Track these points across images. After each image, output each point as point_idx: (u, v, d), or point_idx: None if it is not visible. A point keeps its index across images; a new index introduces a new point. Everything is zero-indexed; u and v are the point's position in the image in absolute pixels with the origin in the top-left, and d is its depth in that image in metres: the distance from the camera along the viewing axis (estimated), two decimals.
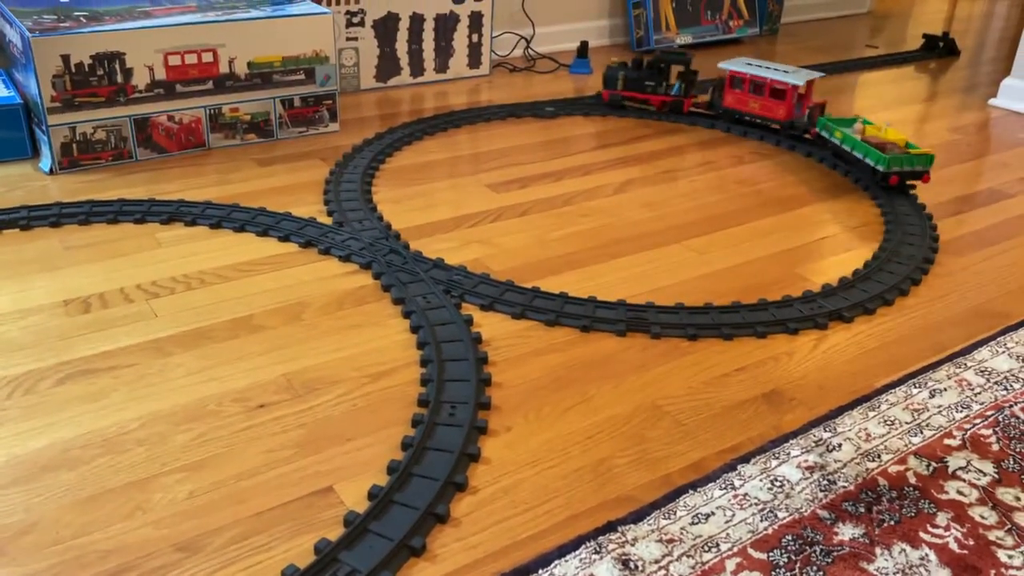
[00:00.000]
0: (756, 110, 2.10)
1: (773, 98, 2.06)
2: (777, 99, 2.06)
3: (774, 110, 2.07)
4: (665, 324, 1.29)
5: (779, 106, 2.06)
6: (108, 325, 1.23)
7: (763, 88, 2.06)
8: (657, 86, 2.19)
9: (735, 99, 2.13)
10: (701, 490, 0.96)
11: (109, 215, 1.55)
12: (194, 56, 1.78)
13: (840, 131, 1.88)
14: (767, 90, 2.06)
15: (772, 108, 2.07)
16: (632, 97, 2.21)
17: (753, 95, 2.09)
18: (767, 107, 2.08)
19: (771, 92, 2.06)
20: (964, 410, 1.12)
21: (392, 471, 0.97)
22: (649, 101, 2.20)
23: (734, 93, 2.13)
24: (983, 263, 1.53)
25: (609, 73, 2.22)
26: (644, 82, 2.19)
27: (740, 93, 2.12)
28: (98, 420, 1.04)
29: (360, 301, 1.33)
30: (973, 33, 3.43)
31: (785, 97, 2.04)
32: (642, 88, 2.20)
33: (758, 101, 2.08)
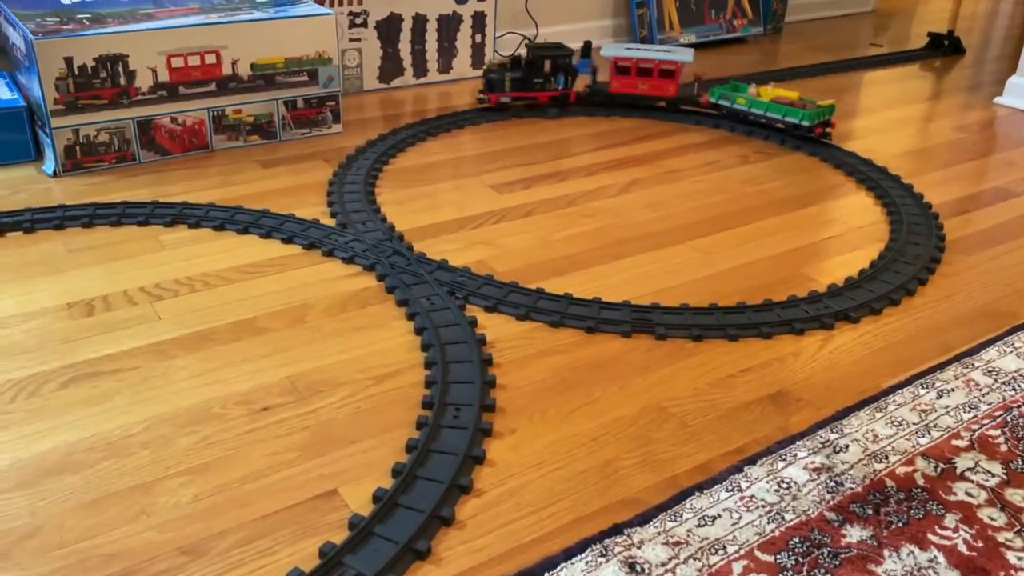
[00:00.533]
0: (646, 91, 2.20)
1: (662, 77, 2.19)
2: (666, 78, 2.19)
3: (664, 88, 2.20)
4: (670, 325, 1.28)
5: (669, 84, 2.20)
6: (112, 328, 1.23)
7: (651, 70, 2.18)
8: (545, 82, 2.18)
9: (622, 83, 2.21)
10: (707, 492, 0.96)
11: (112, 217, 1.55)
12: (197, 58, 1.78)
13: (744, 97, 2.07)
14: (655, 71, 2.18)
15: (662, 87, 2.20)
16: (521, 96, 2.17)
17: (641, 77, 2.19)
18: (657, 86, 2.20)
19: (659, 72, 2.18)
20: (972, 411, 1.11)
21: (397, 474, 0.97)
22: (538, 99, 2.18)
23: (620, 79, 2.20)
24: (990, 262, 1.52)
25: (494, 76, 2.14)
26: (532, 80, 2.16)
27: (627, 78, 2.20)
28: (102, 423, 1.04)
29: (364, 303, 1.32)
30: (978, 31, 3.42)
31: (674, 75, 2.19)
32: (531, 86, 2.17)
33: (647, 82, 2.19)
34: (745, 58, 2.87)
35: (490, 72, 2.16)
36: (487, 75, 2.16)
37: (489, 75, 2.15)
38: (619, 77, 2.21)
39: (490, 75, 2.15)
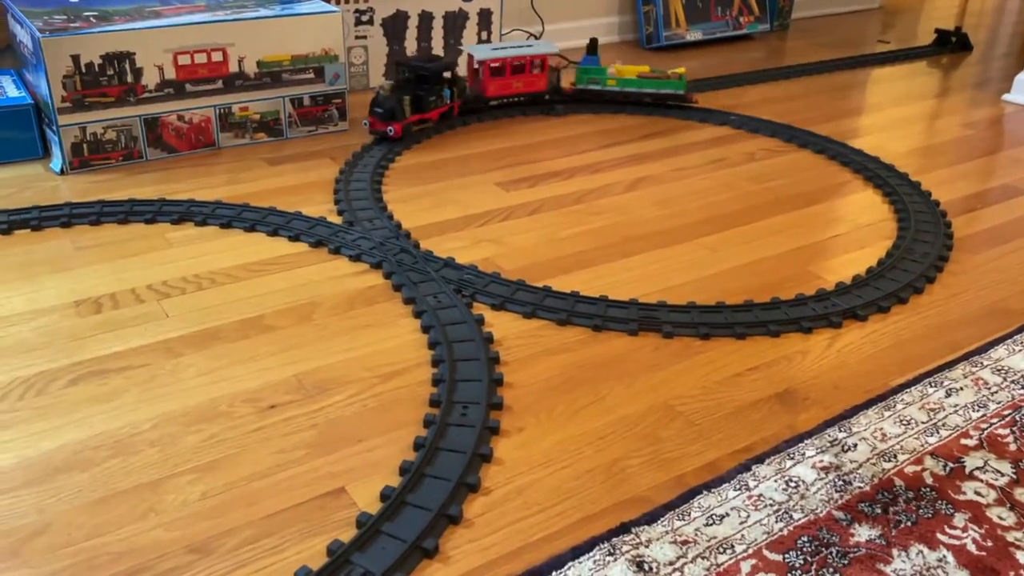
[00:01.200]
0: (520, 88, 2.14)
1: (534, 73, 2.14)
2: (538, 72, 2.14)
3: (537, 83, 2.16)
4: (677, 323, 1.28)
5: (540, 78, 2.16)
6: (119, 326, 1.23)
7: (524, 67, 2.12)
8: (438, 99, 1.99)
9: (498, 85, 2.12)
10: (715, 491, 0.96)
11: (120, 215, 1.55)
12: (204, 55, 1.78)
13: (613, 78, 2.14)
14: (528, 67, 2.12)
15: (535, 82, 2.15)
16: (419, 120, 1.97)
17: (515, 76, 2.11)
18: (530, 82, 2.15)
19: (534, 67, 2.13)
20: (981, 409, 1.10)
21: (404, 472, 0.97)
22: (431, 119, 1.99)
23: (496, 80, 2.11)
24: (998, 260, 1.51)
25: (392, 104, 1.88)
26: (427, 99, 1.96)
27: (502, 79, 2.11)
28: (110, 421, 1.04)
29: (371, 301, 1.32)
30: (985, 28, 3.40)
31: (544, 69, 2.15)
32: (426, 106, 1.96)
33: (521, 80, 2.13)
34: (751, 55, 2.86)
35: (385, 100, 1.88)
36: (382, 104, 1.88)
37: (386, 103, 1.88)
38: (495, 79, 2.10)
39: (386, 103, 1.88)
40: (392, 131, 1.89)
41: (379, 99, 1.89)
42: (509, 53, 2.08)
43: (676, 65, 2.67)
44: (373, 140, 1.94)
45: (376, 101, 1.89)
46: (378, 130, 1.90)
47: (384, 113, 1.88)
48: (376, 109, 1.89)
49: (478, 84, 2.12)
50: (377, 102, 1.89)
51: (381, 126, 1.89)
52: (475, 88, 2.12)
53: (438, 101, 1.99)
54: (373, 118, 1.90)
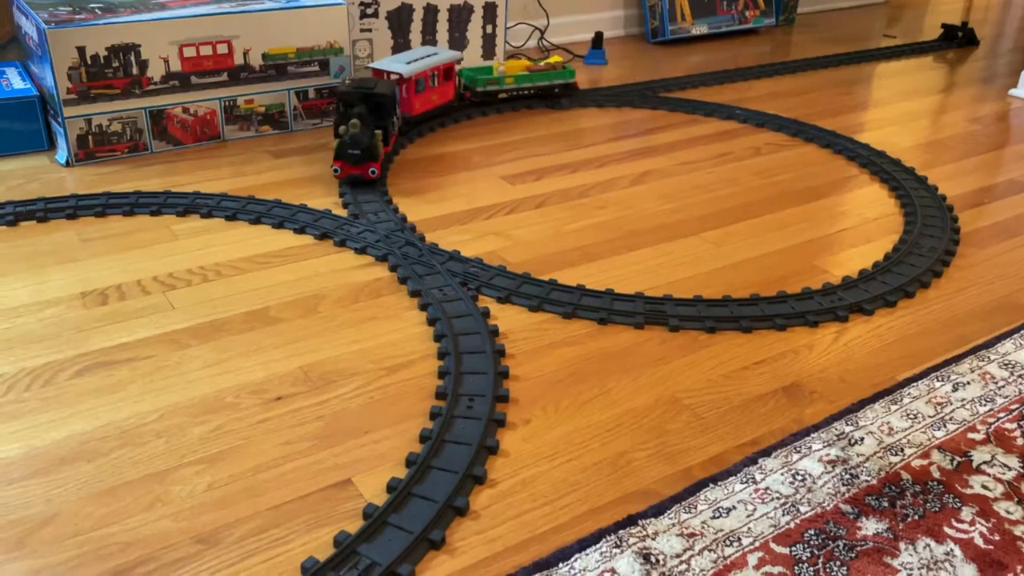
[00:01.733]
0: (437, 101, 1.94)
1: (446, 81, 1.98)
2: (449, 80, 1.99)
3: (448, 93, 1.99)
4: (683, 317, 1.28)
5: (449, 87, 2.00)
6: (125, 317, 1.23)
7: (437, 77, 1.93)
8: (392, 127, 1.74)
9: (422, 101, 1.89)
10: (722, 484, 0.95)
11: (125, 207, 1.55)
12: (209, 48, 1.78)
13: (511, 77, 2.10)
14: (440, 77, 1.95)
15: (446, 92, 1.99)
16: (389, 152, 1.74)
17: (434, 88, 1.92)
18: (443, 93, 1.97)
19: (445, 76, 1.96)
20: (988, 404, 1.10)
21: (411, 464, 0.97)
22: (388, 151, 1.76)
23: (420, 96, 1.87)
24: (1006, 255, 1.51)
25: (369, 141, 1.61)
26: (390, 129, 1.72)
27: (424, 93, 1.88)
28: (116, 412, 1.04)
29: (376, 293, 1.32)
30: (991, 23, 3.39)
31: (451, 77, 2.00)
32: (389, 137, 1.73)
33: (436, 92, 1.93)
34: (757, 49, 2.85)
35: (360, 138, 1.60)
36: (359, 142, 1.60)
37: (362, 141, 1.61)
38: (419, 95, 1.87)
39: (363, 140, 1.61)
40: (374, 172, 1.62)
41: (351, 139, 1.60)
42: (426, 64, 1.86)
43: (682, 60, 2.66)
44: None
45: (348, 142, 1.60)
46: (353, 174, 1.62)
47: (363, 154, 1.61)
48: (351, 151, 1.60)
49: (400, 103, 1.87)
50: (350, 143, 1.60)
51: (358, 169, 1.62)
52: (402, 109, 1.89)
53: (393, 129, 1.76)
54: (344, 162, 1.61)
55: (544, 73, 2.14)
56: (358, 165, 1.61)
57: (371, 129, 1.63)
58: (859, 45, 2.93)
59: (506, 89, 2.11)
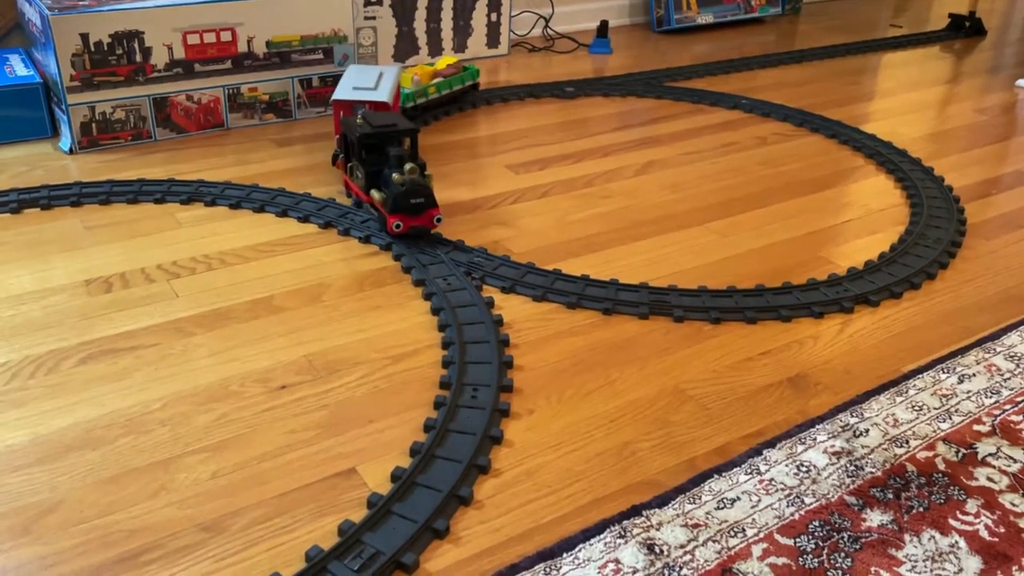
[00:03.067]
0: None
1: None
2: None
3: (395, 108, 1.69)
4: (688, 307, 1.27)
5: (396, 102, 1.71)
6: (129, 305, 1.23)
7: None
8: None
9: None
10: (726, 475, 0.95)
11: (129, 195, 1.54)
12: (212, 35, 1.77)
13: (434, 87, 1.97)
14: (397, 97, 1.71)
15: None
16: None
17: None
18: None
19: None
20: (994, 396, 1.10)
21: (415, 453, 0.97)
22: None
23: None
24: (1012, 246, 1.50)
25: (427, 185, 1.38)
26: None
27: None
28: (121, 400, 1.05)
29: (380, 282, 1.32)
30: (999, 13, 3.37)
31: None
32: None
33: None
34: (763, 39, 2.84)
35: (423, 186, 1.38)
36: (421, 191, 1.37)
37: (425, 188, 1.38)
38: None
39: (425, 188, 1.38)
40: (439, 220, 1.40)
41: (412, 187, 1.36)
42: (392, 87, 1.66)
43: (687, 49, 2.65)
44: None
45: (409, 191, 1.36)
46: (418, 226, 1.38)
47: (426, 201, 1.38)
48: (414, 201, 1.36)
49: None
50: (411, 191, 1.36)
51: (422, 220, 1.38)
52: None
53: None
54: (405, 215, 1.37)
55: (457, 76, 2.04)
56: (421, 215, 1.38)
57: (422, 170, 1.40)
58: (865, 35, 2.91)
59: (434, 99, 1.98)
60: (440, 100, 2.03)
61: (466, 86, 2.11)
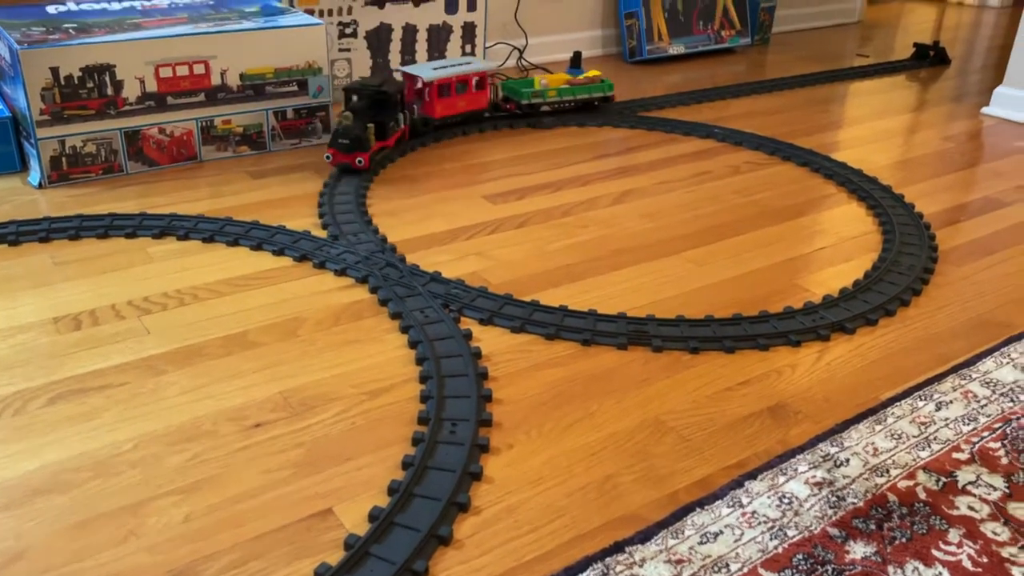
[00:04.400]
0: (464, 107, 2.09)
1: (478, 89, 2.10)
2: (481, 89, 2.11)
3: (479, 101, 2.12)
4: (666, 337, 1.27)
5: (482, 96, 2.13)
6: (99, 343, 1.21)
7: (467, 84, 2.07)
8: (395, 124, 1.91)
9: (445, 105, 2.05)
10: (708, 508, 0.95)
11: (100, 230, 1.52)
12: (185, 68, 1.76)
13: (554, 90, 2.20)
14: (471, 84, 2.08)
15: (477, 100, 2.12)
16: (382, 148, 1.88)
17: (460, 95, 2.06)
18: (473, 100, 2.10)
19: (477, 84, 2.09)
20: (971, 423, 1.10)
21: (393, 492, 0.95)
22: (388, 146, 1.90)
23: (443, 100, 2.03)
24: (983, 272, 1.52)
25: (358, 133, 1.76)
26: (388, 125, 1.87)
27: (448, 98, 2.04)
28: (90, 441, 1.02)
29: (357, 316, 1.31)
30: (962, 42, 3.45)
31: (484, 85, 2.12)
32: (388, 132, 1.88)
33: (464, 98, 2.08)
34: (734, 68, 2.88)
35: (349, 129, 1.75)
36: (347, 134, 1.75)
37: (351, 133, 1.75)
38: (442, 99, 2.03)
39: (351, 132, 1.75)
40: (361, 162, 1.77)
41: (342, 129, 1.76)
42: (452, 72, 2.02)
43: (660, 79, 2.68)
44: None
45: (339, 132, 1.76)
46: (342, 163, 1.78)
47: (351, 144, 1.76)
48: (341, 140, 1.76)
49: (422, 105, 2.03)
50: (341, 132, 1.76)
51: (346, 158, 1.77)
52: (420, 110, 2.03)
53: (395, 126, 1.91)
54: (336, 150, 1.77)
55: (585, 87, 2.23)
56: (347, 154, 1.77)
57: (364, 122, 1.77)
58: (833, 64, 2.96)
59: (549, 102, 2.20)
60: (559, 106, 2.21)
61: (593, 96, 2.24)
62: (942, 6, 4.26)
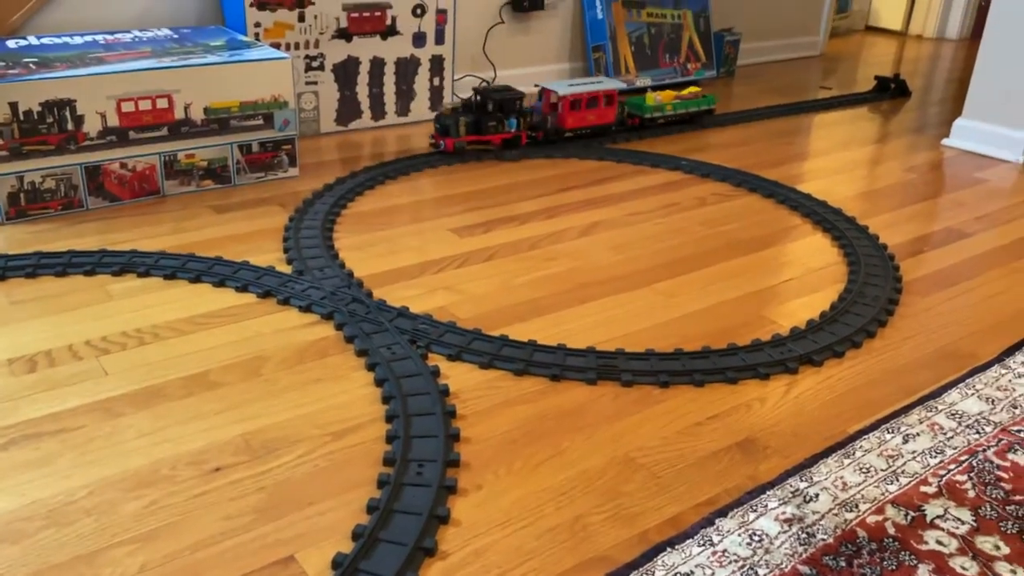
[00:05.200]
0: (593, 121, 2.35)
1: (607, 105, 2.35)
2: (610, 105, 2.36)
3: (607, 116, 2.37)
4: (636, 371, 1.27)
5: (610, 111, 2.37)
6: (55, 385, 1.17)
7: (597, 100, 2.33)
8: (498, 125, 2.21)
9: (575, 118, 2.31)
10: (679, 547, 0.93)
11: (58, 267, 1.49)
12: (148, 102, 1.74)
13: (670, 104, 2.49)
14: (601, 100, 2.33)
15: (605, 115, 2.36)
16: (475, 141, 2.19)
17: (590, 110, 2.32)
18: (601, 115, 2.35)
19: (605, 100, 2.34)
20: (938, 455, 1.11)
21: (357, 537, 0.92)
22: (491, 142, 2.21)
23: (573, 113, 2.30)
24: (947, 303, 1.54)
25: (448, 121, 2.16)
26: (485, 123, 2.19)
27: (578, 112, 2.31)
28: (43, 489, 0.98)
29: (322, 354, 1.28)
30: (921, 75, 3.53)
31: (613, 102, 2.36)
32: (484, 130, 2.20)
33: (594, 113, 2.33)
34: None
35: (443, 117, 2.17)
36: (440, 120, 2.17)
37: (443, 120, 2.17)
38: (572, 112, 2.30)
39: (444, 120, 2.16)
40: (443, 145, 2.16)
41: (440, 116, 2.18)
42: (583, 89, 2.31)
43: None
44: (324, 185, 1.91)
45: (439, 119, 2.18)
46: (434, 142, 2.20)
47: (440, 129, 2.17)
48: (436, 124, 2.18)
49: (556, 117, 2.30)
50: (438, 118, 2.18)
51: (437, 140, 2.18)
52: (554, 121, 2.30)
53: (499, 127, 2.22)
54: (436, 134, 2.19)
55: (693, 100, 2.55)
56: (440, 136, 2.18)
57: (459, 117, 2.18)
58: (797, 96, 3.01)
59: (666, 115, 2.50)
60: (677, 117, 2.52)
61: (701, 110, 2.57)
62: (902, 39, 4.37)
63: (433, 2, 2.35)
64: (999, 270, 1.68)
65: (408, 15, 2.33)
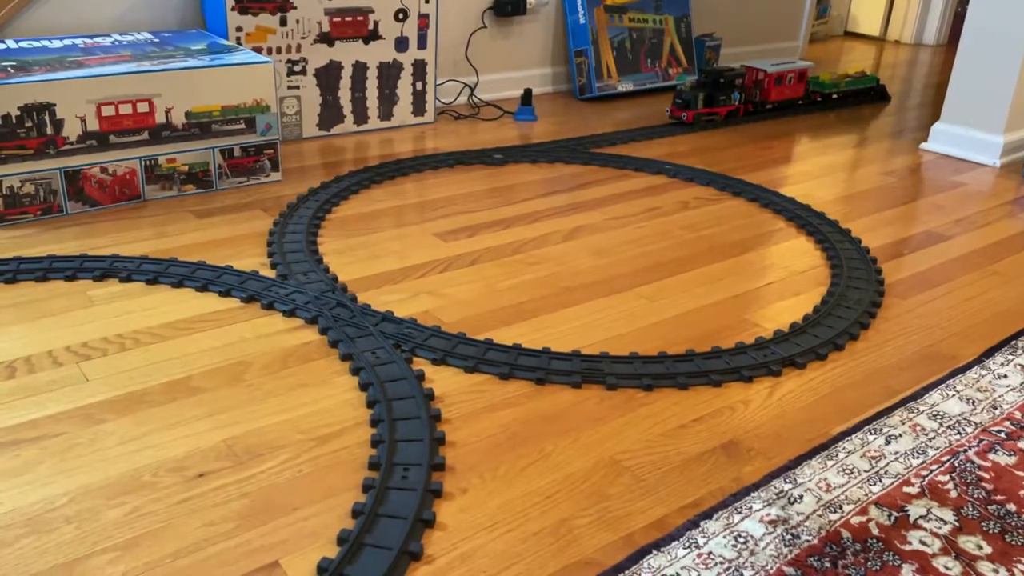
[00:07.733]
0: (789, 95, 2.84)
1: (799, 82, 2.85)
2: (801, 81, 2.86)
3: (799, 90, 2.88)
4: (621, 375, 1.27)
5: (802, 86, 2.88)
6: (34, 391, 1.16)
7: (790, 78, 2.82)
8: (727, 99, 2.66)
9: (778, 92, 2.80)
10: (664, 550, 0.93)
11: (38, 272, 1.47)
12: (129, 106, 1.73)
13: (844, 82, 3.00)
14: (795, 78, 2.83)
15: (798, 89, 2.87)
16: (709, 112, 2.63)
17: (787, 85, 2.81)
18: (795, 90, 2.86)
19: (799, 78, 2.84)
20: (920, 456, 1.11)
21: (342, 542, 0.92)
22: (719, 113, 2.65)
23: (777, 88, 2.79)
24: (927, 305, 1.55)
25: (688, 96, 2.57)
26: (717, 97, 2.63)
27: (780, 87, 2.80)
28: (23, 496, 0.97)
29: (306, 358, 1.28)
30: (900, 79, 3.57)
31: (802, 79, 2.86)
32: (715, 103, 2.64)
33: (790, 88, 2.83)
34: None
35: (684, 93, 2.58)
36: (682, 96, 2.58)
37: (684, 95, 2.58)
38: (776, 87, 2.78)
39: (685, 95, 2.58)
40: (686, 117, 2.58)
41: (680, 92, 2.59)
42: (784, 68, 2.78)
43: (610, 115, 2.71)
44: (308, 190, 1.90)
45: (678, 93, 2.59)
46: (676, 116, 2.60)
47: (682, 103, 2.58)
48: (677, 100, 2.59)
49: (760, 91, 2.77)
50: (678, 94, 2.59)
51: (678, 112, 2.58)
52: (760, 95, 2.77)
53: (726, 101, 2.66)
54: (674, 107, 2.60)
55: (861, 79, 3.04)
56: (679, 110, 2.60)
57: (696, 92, 2.58)
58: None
59: (841, 91, 2.99)
60: (848, 92, 3.01)
61: (869, 86, 3.06)
62: (880, 44, 4.41)
63: (415, 7, 2.35)
64: (977, 272, 1.70)
65: (390, 20, 2.32)
